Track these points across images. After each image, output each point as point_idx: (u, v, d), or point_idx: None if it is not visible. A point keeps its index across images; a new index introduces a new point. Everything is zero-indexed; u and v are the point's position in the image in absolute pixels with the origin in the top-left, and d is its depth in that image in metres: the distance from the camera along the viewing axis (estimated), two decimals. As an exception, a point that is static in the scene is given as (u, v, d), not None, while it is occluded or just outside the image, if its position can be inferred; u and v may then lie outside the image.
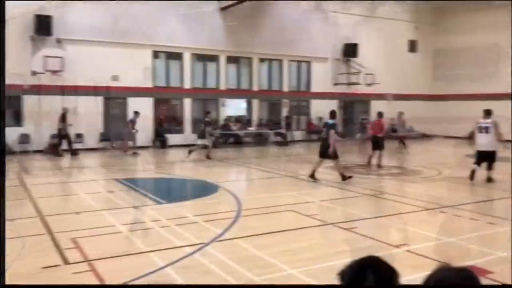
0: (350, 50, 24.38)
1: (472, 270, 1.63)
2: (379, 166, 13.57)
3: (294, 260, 5.40)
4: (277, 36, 22.51)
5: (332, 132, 11.03)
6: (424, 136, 26.68)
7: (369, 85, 24.22)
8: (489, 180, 11.06)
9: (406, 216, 7.81)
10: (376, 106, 25.91)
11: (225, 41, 21.41)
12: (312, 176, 11.30)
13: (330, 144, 10.97)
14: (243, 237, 6.37)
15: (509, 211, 8.46)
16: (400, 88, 26.22)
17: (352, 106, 25.88)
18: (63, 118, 16.90)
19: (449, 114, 26.34)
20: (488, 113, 11.30)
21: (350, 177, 11.22)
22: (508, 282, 4.67)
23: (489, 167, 11.10)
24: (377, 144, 13.82)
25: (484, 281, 1.63)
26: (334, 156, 11.13)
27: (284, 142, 21.96)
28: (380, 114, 14.96)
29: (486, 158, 11.12)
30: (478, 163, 11.21)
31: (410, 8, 26.56)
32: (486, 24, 24.92)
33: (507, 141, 12.44)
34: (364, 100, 25.64)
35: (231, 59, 22.13)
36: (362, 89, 24.64)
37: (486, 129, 11.04)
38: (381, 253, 5.64)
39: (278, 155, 18.15)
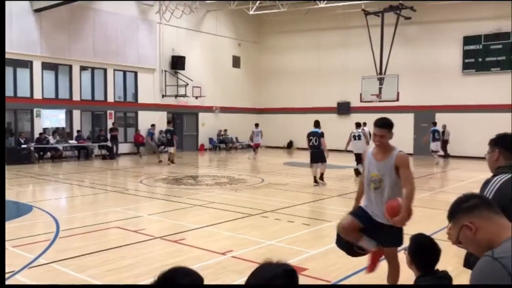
0: (178, 62, 24.62)
1: (288, 264, 1.76)
2: None
3: (120, 278, 5.13)
4: (100, 44, 21.46)
5: (323, 139, 12.72)
6: (250, 147, 28.39)
7: (196, 97, 24.80)
8: (358, 172, 14.25)
9: (231, 223, 8.12)
10: (204, 118, 26.72)
11: (41, 45, 19.51)
12: (320, 179, 12.84)
13: (324, 150, 12.78)
14: (62, 260, 5.80)
15: (321, 212, 9.49)
16: (227, 101, 27.50)
17: (181, 118, 26.12)
18: None
19: (270, 126, 28.62)
20: (358, 125, 14.94)
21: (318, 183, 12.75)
22: (319, 276, 5.20)
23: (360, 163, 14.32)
24: None
25: (299, 277, 1.76)
26: (324, 160, 12.91)
27: (110, 156, 20.92)
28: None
29: (360, 158, 14.25)
30: (358, 163, 14.57)
31: (233, 26, 28.14)
32: (298, 46, 27.89)
33: None
34: (193, 112, 26.14)
35: (48, 66, 20.23)
36: (190, 101, 25.09)
37: (358, 137, 14.59)
38: (208, 261, 5.76)
39: (103, 170, 17.19)
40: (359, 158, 14.64)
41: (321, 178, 13.00)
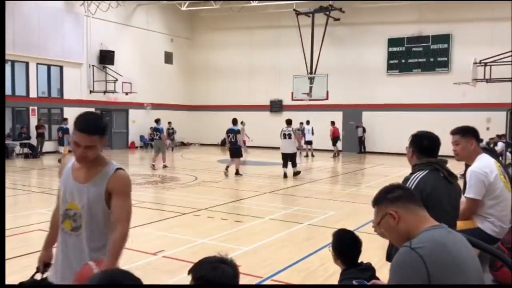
0: (106, 57, 23.73)
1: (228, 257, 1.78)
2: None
3: (42, 285, 4.85)
4: (21, 35, 20.14)
5: (239, 136, 14.00)
6: (182, 144, 28.06)
7: (126, 93, 24.07)
8: (296, 174, 13.64)
9: (163, 223, 7.99)
10: (134, 114, 25.99)
11: (-48, 36, 17.95)
12: (235, 174, 13.62)
13: (241, 145, 13.95)
14: (-23, 267, 5.38)
15: (254, 209, 9.59)
16: (159, 98, 26.93)
17: (110, 115, 25.22)
18: None
19: (204, 123, 28.48)
20: (288, 122, 13.88)
21: (240, 174, 13.67)
22: (251, 272, 5.25)
23: (293, 165, 13.70)
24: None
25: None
26: (240, 155, 13.92)
27: (33, 154, 19.76)
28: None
29: (289, 158, 13.51)
30: (285, 164, 13.52)
31: (165, 21, 27.60)
32: (231, 43, 27.93)
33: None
34: (123, 108, 25.34)
35: (-39, 58, 18.67)
36: (120, 97, 24.30)
37: (289, 135, 13.54)
38: (138, 262, 5.62)
39: (26, 169, 16.21)
40: (286, 159, 13.59)
41: (237, 172, 13.65)
